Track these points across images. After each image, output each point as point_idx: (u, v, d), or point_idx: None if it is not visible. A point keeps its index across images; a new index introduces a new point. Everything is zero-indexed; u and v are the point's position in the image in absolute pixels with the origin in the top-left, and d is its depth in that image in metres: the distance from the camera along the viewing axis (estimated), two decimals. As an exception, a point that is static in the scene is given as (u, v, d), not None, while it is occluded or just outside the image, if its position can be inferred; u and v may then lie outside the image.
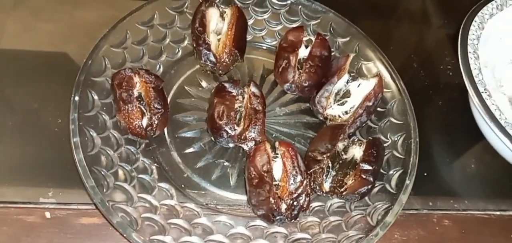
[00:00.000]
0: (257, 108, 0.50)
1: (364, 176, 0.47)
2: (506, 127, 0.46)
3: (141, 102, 0.49)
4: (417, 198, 0.52)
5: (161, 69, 0.56)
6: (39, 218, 0.46)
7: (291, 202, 0.45)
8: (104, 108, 0.50)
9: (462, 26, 0.53)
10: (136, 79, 0.49)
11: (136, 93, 0.49)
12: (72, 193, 0.47)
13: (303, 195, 0.45)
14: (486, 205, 0.54)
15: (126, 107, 0.48)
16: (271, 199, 0.44)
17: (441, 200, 0.53)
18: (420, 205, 0.52)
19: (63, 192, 0.48)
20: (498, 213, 0.53)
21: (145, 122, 0.48)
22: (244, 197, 0.49)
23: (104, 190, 0.45)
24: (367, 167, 0.47)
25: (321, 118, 0.54)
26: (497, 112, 0.47)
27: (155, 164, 0.49)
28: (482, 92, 0.48)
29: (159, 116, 0.48)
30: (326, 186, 0.48)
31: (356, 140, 0.53)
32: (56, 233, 0.46)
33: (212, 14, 0.55)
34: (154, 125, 0.48)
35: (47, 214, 0.46)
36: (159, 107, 0.48)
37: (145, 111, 0.49)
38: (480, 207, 0.53)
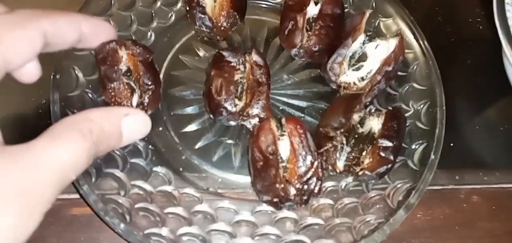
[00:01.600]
0: (260, 79, 0.44)
1: (383, 154, 0.41)
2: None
3: (130, 77, 0.43)
4: (442, 172, 0.47)
5: (153, 37, 0.50)
6: (27, 209, 0.42)
7: (301, 186, 0.40)
8: (90, 86, 0.45)
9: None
10: (122, 52, 0.43)
11: (123, 68, 0.43)
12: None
13: (314, 179, 0.40)
14: (520, 177, 0.48)
15: (112, 85, 0.42)
16: (277, 184, 0.39)
17: (469, 173, 0.48)
18: (446, 179, 0.47)
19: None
20: (533, 185, 0.48)
21: (135, 100, 0.43)
22: (249, 179, 0.44)
23: (92, 179, 0.40)
24: (386, 143, 0.42)
25: (334, 86, 0.48)
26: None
27: (150, 146, 0.44)
28: (522, 51, 0.42)
29: (150, 94, 0.43)
30: (340, 165, 0.43)
31: (373, 110, 0.47)
32: (46, 226, 0.42)
33: (207, -29, 0.49)
34: (145, 104, 0.43)
35: (35, 205, 0.43)
36: (149, 83, 0.43)
37: (135, 87, 0.43)
38: (513, 179, 0.48)
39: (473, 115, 0.51)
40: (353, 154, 0.43)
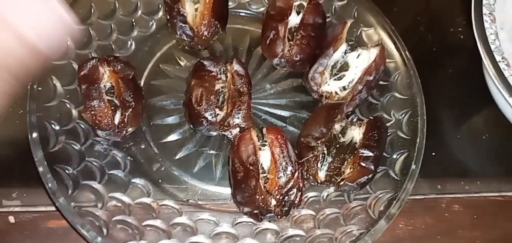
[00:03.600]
0: (241, 89, 0.44)
1: (364, 164, 0.41)
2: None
3: (113, 94, 0.43)
4: (424, 181, 0.47)
5: (133, 46, 0.49)
6: (2, 223, 0.41)
7: (281, 197, 0.40)
8: (68, 96, 0.44)
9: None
10: (103, 69, 0.43)
11: (107, 85, 0.43)
12: (38, 194, 0.42)
13: (295, 190, 0.40)
14: (501, 185, 0.48)
15: (92, 103, 0.41)
16: (257, 196, 0.39)
17: (451, 182, 0.48)
18: (428, 189, 0.47)
19: (28, 193, 0.43)
20: (513, 194, 0.48)
21: (117, 118, 0.42)
22: (230, 190, 0.43)
23: (69, 191, 0.40)
24: (367, 153, 0.41)
25: (315, 96, 0.47)
26: (517, 84, 0.41)
27: (129, 157, 0.44)
28: (499, 61, 0.42)
29: (131, 111, 0.42)
30: (322, 175, 0.43)
31: (355, 119, 0.47)
32: (22, 240, 0.41)
33: (188, -20, 0.48)
34: (126, 121, 0.42)
35: (11, 219, 0.42)
36: (130, 100, 0.42)
37: (117, 104, 0.42)
38: (493, 188, 0.48)
39: (455, 124, 0.52)
40: (334, 164, 0.43)
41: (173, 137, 0.45)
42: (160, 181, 0.43)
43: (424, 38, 0.57)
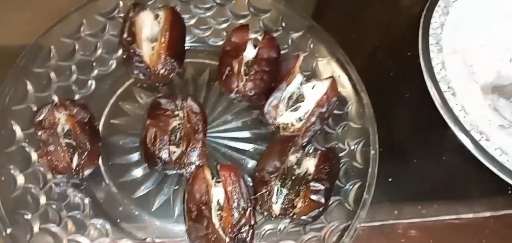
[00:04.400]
0: (196, 127, 0.45)
1: (314, 198, 0.42)
2: (471, 131, 0.41)
3: (70, 137, 0.44)
4: (381, 207, 0.48)
5: (94, 85, 0.50)
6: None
7: (234, 235, 0.40)
8: (27, 140, 0.45)
9: (423, 14, 0.47)
10: (60, 114, 0.44)
11: (64, 128, 0.44)
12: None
13: (247, 227, 0.41)
14: (458, 208, 0.49)
15: (48, 149, 0.42)
16: (210, 235, 0.40)
17: (408, 206, 0.49)
18: (385, 215, 0.48)
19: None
20: (471, 216, 0.49)
21: (75, 161, 0.43)
22: (186, 227, 0.44)
23: (28, 236, 0.40)
24: (318, 186, 0.42)
25: (272, 128, 0.48)
26: (461, 113, 0.42)
27: (88, 198, 0.44)
28: (445, 91, 0.43)
29: (86, 154, 0.43)
30: (277, 208, 0.43)
31: (311, 150, 0.48)
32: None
33: (145, 19, 0.49)
34: (82, 165, 0.43)
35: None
36: (85, 143, 0.43)
37: (76, 147, 0.43)
38: (451, 211, 0.49)
39: (412, 148, 0.52)
40: (289, 196, 0.44)
41: (132, 175, 0.46)
42: (118, 220, 0.44)
43: (383, 64, 0.58)
